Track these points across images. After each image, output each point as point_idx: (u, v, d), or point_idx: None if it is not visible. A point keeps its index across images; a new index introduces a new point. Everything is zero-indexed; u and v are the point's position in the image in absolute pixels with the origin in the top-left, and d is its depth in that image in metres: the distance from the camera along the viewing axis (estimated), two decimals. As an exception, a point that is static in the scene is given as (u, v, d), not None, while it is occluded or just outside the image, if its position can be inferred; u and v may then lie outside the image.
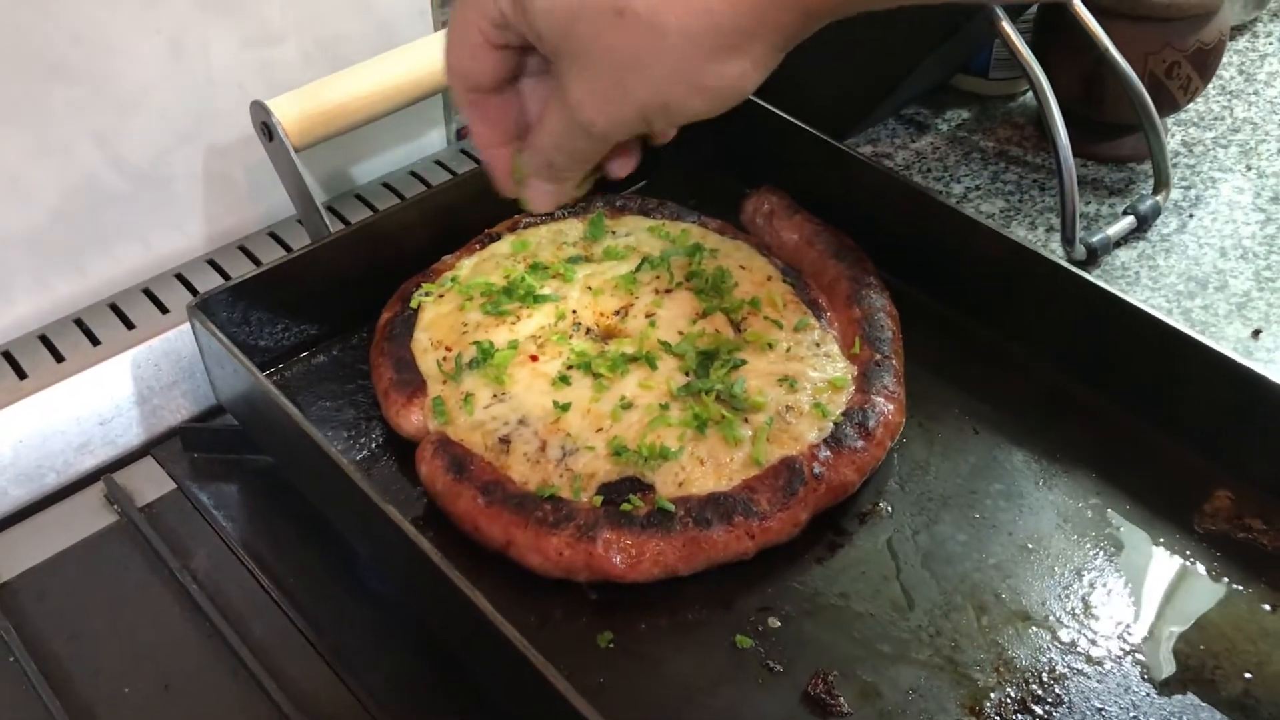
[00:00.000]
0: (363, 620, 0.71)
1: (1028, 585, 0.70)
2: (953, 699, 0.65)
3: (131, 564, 0.75)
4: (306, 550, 0.75)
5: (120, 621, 0.72)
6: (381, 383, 0.79)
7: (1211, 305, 0.93)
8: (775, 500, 0.70)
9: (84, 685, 0.68)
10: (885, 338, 0.80)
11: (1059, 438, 0.79)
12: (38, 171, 0.81)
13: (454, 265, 0.86)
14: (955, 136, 1.11)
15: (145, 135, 0.85)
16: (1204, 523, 0.74)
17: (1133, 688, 0.65)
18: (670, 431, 0.72)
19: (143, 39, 0.82)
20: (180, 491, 0.79)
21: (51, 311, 0.86)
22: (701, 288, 0.82)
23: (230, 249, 0.92)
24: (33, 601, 0.72)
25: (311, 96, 0.83)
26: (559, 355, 0.78)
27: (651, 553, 0.68)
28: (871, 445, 0.73)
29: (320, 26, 0.90)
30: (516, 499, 0.70)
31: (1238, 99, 1.15)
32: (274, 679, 0.67)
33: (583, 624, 0.68)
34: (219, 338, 0.74)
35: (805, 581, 0.71)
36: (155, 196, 0.88)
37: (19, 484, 0.78)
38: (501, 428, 0.74)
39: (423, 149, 1.03)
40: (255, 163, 0.89)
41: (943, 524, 0.74)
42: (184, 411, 0.84)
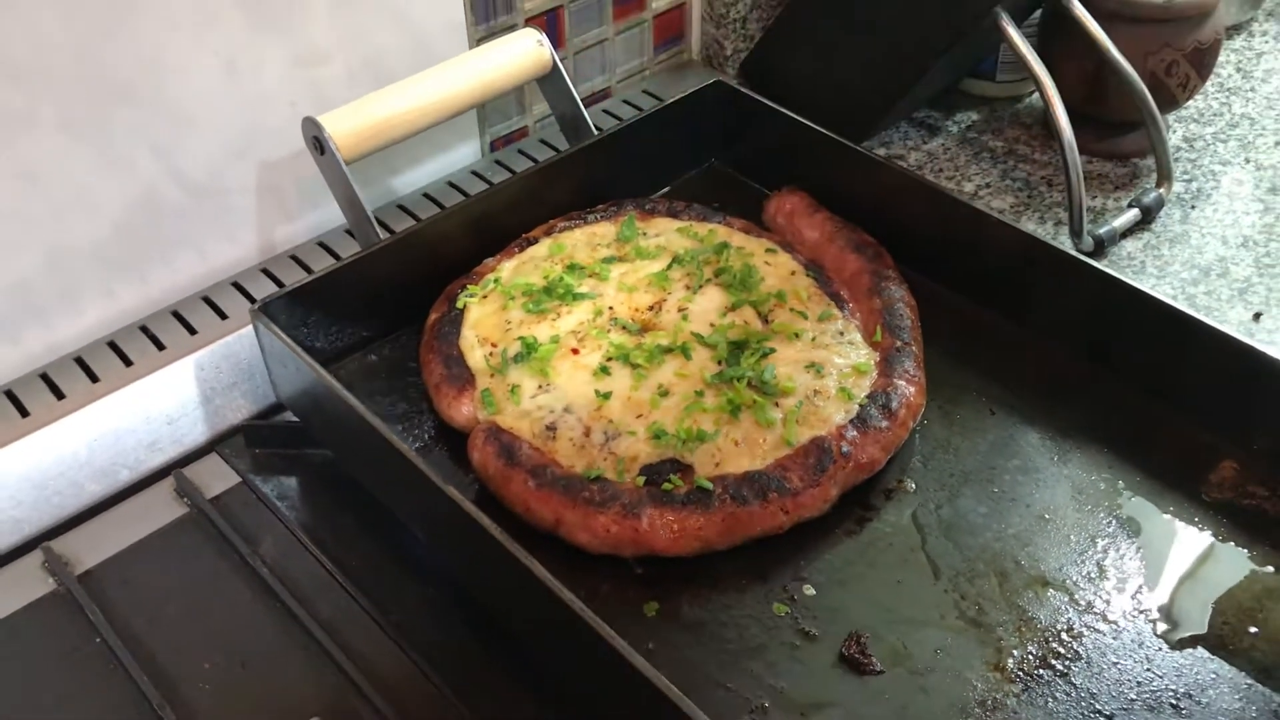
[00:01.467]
0: (422, 598, 0.76)
1: (1045, 553, 0.75)
2: (978, 657, 0.69)
3: (204, 551, 0.79)
4: (365, 536, 0.80)
5: (197, 604, 0.76)
6: (433, 378, 0.84)
7: (1215, 291, 0.97)
8: (806, 477, 0.74)
9: (167, 663, 0.73)
10: (905, 326, 0.85)
11: (1071, 416, 0.83)
12: (103, 186, 0.86)
13: (495, 268, 0.91)
14: (965, 137, 1.16)
15: (202, 151, 0.90)
16: (1210, 492, 0.78)
17: (1146, 643, 0.70)
18: (706, 416, 0.77)
19: (200, 60, 0.87)
20: (245, 484, 0.84)
21: (118, 319, 0.91)
22: (730, 283, 0.87)
23: (282, 258, 0.97)
24: (115, 587, 0.77)
25: (359, 112, 0.88)
26: (599, 348, 0.83)
27: (692, 528, 0.73)
28: (895, 425, 0.78)
29: (364, 46, 0.95)
30: (565, 481, 0.74)
31: (1236, 95, 1.20)
32: (343, 652, 0.72)
33: (630, 596, 0.73)
34: (282, 338, 0.79)
35: (836, 553, 0.75)
36: (212, 209, 0.93)
37: (95, 480, 0.83)
38: (548, 416, 0.79)
39: (459, 160, 1.08)
40: (305, 176, 0.95)
41: (964, 498, 0.78)
42: (245, 410, 0.89)
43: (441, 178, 1.07)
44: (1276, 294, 0.96)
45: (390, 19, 0.96)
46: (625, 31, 1.16)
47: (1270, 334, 0.93)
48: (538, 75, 0.97)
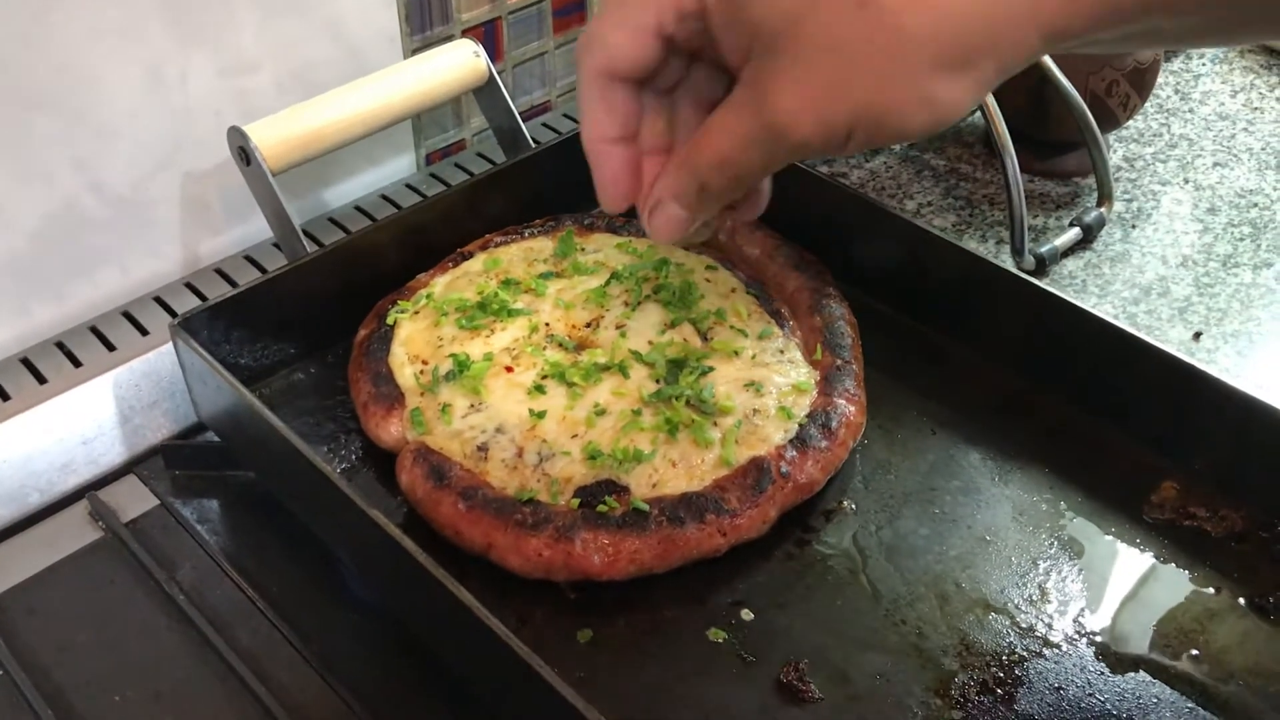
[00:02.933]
0: (347, 625, 0.73)
1: (986, 575, 0.74)
2: (919, 682, 0.68)
3: (118, 578, 0.76)
4: (289, 561, 0.77)
5: (109, 633, 0.73)
6: (360, 396, 0.81)
7: (1155, 310, 0.97)
8: (745, 498, 0.73)
9: (75, 696, 0.69)
10: (845, 344, 0.83)
11: (1013, 436, 0.82)
12: (18, 198, 0.83)
13: (428, 283, 0.89)
14: (908, 155, 1.16)
15: (124, 162, 0.87)
16: (1151, 512, 0.77)
17: (1088, 667, 0.68)
18: (643, 435, 0.75)
19: (122, 69, 0.84)
20: (164, 507, 0.80)
21: (33, 334, 0.87)
22: (669, 300, 0.85)
23: (207, 272, 0.94)
24: (21, 616, 0.74)
25: (287, 122, 0.86)
26: (533, 366, 0.80)
27: (628, 551, 0.70)
28: (835, 445, 0.77)
29: (293, 55, 0.93)
30: (496, 503, 0.72)
31: (1174, 117, 1.20)
32: (263, 684, 0.69)
33: (563, 622, 0.71)
34: (202, 355, 0.76)
35: (775, 576, 0.73)
36: (134, 222, 0.90)
37: (3, 504, 0.80)
38: (479, 436, 0.76)
39: (393, 173, 1.06)
40: (231, 188, 0.92)
41: (905, 519, 0.77)
42: (165, 430, 0.86)
43: (375, 191, 1.04)
44: (1216, 313, 0.96)
45: (322, 29, 0.94)
46: (565, 44, 1.14)
47: (1210, 353, 0.93)
48: (474, 87, 0.95)
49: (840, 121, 0.48)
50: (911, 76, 0.47)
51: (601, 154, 0.58)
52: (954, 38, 0.46)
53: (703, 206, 0.56)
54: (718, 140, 0.52)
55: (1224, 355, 0.93)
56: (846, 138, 0.49)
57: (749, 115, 0.50)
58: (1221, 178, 1.11)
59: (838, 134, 0.49)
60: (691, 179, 0.55)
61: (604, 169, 0.58)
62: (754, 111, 0.50)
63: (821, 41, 0.47)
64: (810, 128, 0.49)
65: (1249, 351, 0.93)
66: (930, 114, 0.48)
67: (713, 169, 0.53)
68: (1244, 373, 0.91)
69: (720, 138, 0.52)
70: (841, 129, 0.48)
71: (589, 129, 0.58)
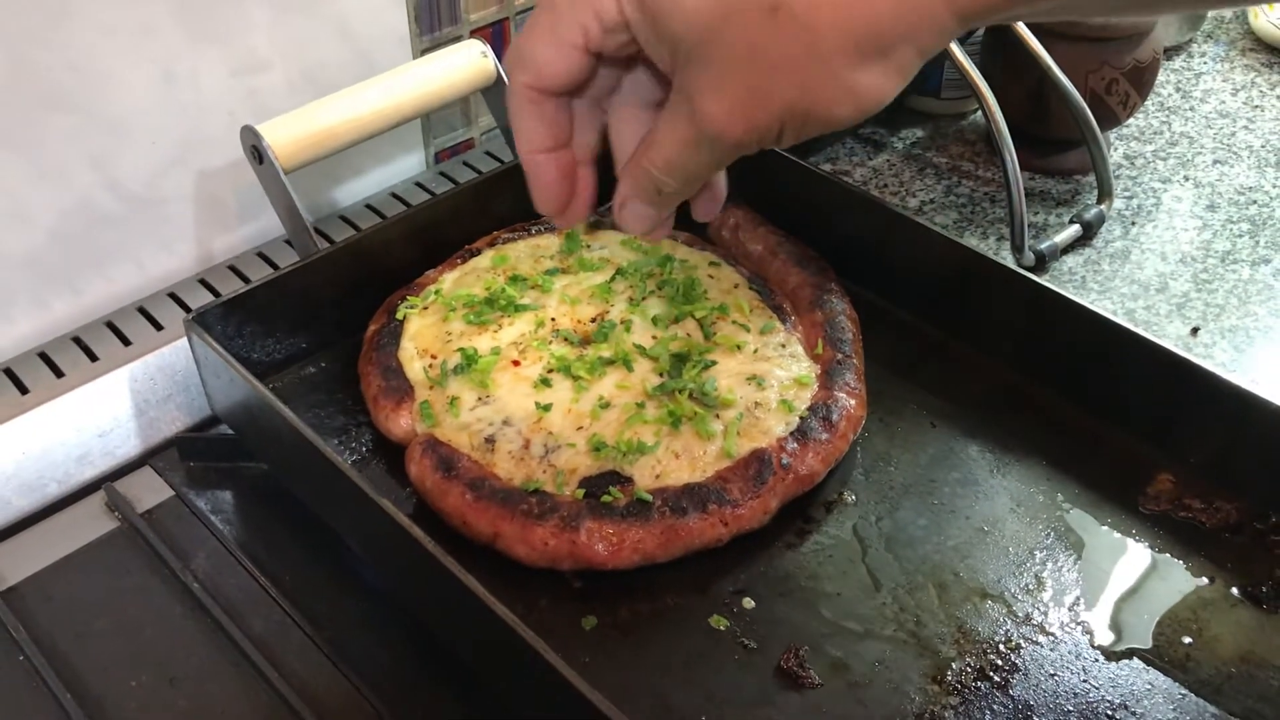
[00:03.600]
0: (357, 613, 0.75)
1: (984, 564, 0.75)
2: (916, 669, 0.69)
3: (133, 566, 0.78)
4: (300, 550, 0.78)
5: (125, 620, 0.75)
6: (370, 390, 0.82)
7: (1153, 306, 0.98)
8: (746, 489, 0.74)
9: (93, 680, 0.71)
10: (846, 339, 0.85)
11: (1011, 429, 0.83)
12: (36, 196, 0.85)
13: (437, 279, 0.90)
14: (910, 153, 1.17)
15: (139, 160, 0.89)
16: (1147, 504, 0.79)
17: (1083, 654, 0.70)
18: (646, 428, 0.77)
19: (137, 68, 0.86)
20: (178, 498, 0.82)
21: (51, 329, 0.89)
22: (672, 295, 0.87)
23: (220, 269, 0.96)
24: (40, 604, 0.76)
25: (299, 121, 0.87)
26: (539, 360, 0.82)
27: (631, 540, 0.72)
28: (835, 437, 0.78)
29: (305, 55, 0.94)
30: (503, 493, 0.74)
31: (1175, 115, 1.21)
32: (276, 669, 0.71)
33: (568, 610, 0.72)
34: (216, 349, 0.77)
35: (777, 566, 0.75)
36: (148, 219, 0.91)
37: (22, 494, 0.82)
38: (486, 428, 0.78)
39: (403, 172, 1.07)
40: (244, 186, 0.93)
41: (904, 510, 0.78)
42: (179, 423, 0.88)
43: (385, 189, 1.06)
44: (1214, 309, 0.98)
45: (333, 29, 0.95)
46: (572, 45, 1.15)
47: (1207, 348, 0.94)
48: (482, 86, 0.96)
49: (769, 122, 0.50)
50: (830, 72, 0.48)
51: (536, 164, 0.60)
52: (867, 28, 0.47)
53: (664, 203, 0.59)
54: (663, 145, 0.54)
55: (1221, 350, 0.94)
56: (779, 134, 0.51)
57: (684, 122, 0.52)
58: (1221, 175, 1.13)
59: (770, 132, 0.51)
60: (648, 180, 0.57)
61: (539, 179, 0.60)
62: (688, 118, 0.52)
63: (740, 50, 0.48)
64: (742, 131, 0.51)
65: (1246, 347, 0.94)
66: (855, 104, 0.49)
67: (663, 172, 0.55)
68: (1241, 367, 0.92)
69: (665, 143, 0.54)
70: (772, 128, 0.50)
71: (522, 142, 0.59)
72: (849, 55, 0.47)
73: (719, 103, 0.50)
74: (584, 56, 0.54)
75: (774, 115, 0.50)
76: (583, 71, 0.55)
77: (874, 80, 0.48)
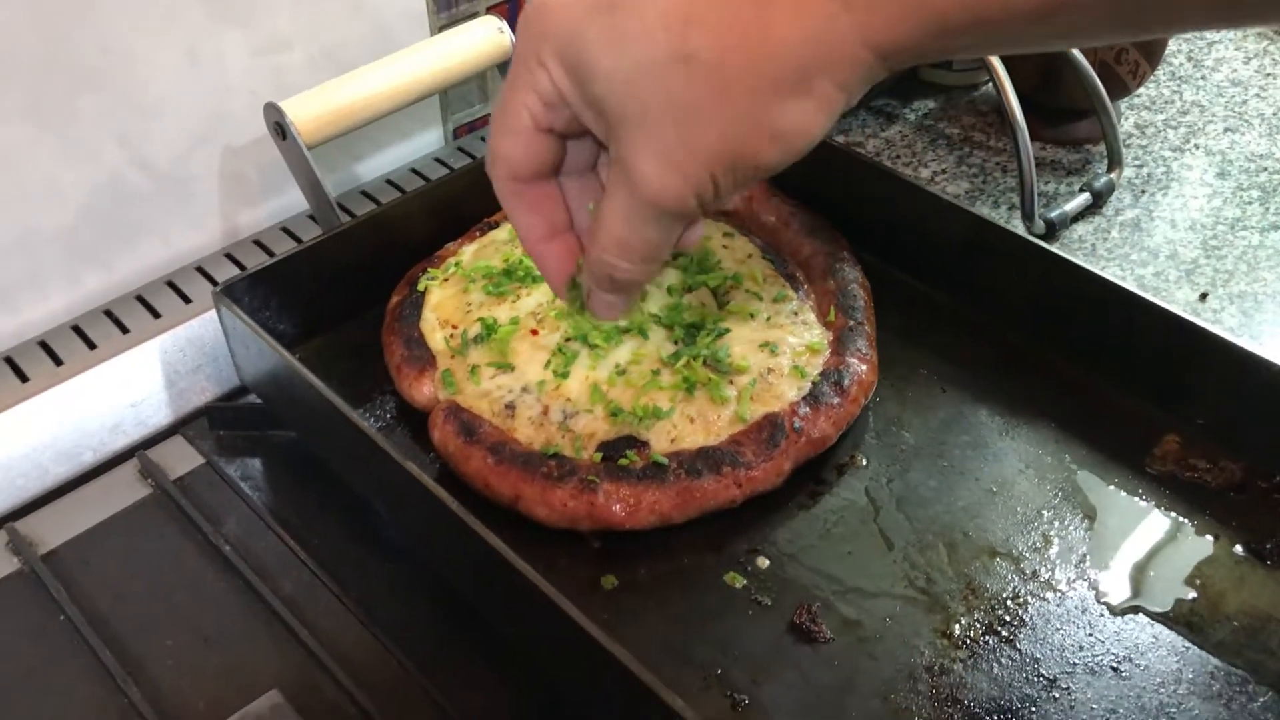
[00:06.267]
0: (383, 574, 0.77)
1: (993, 524, 0.77)
2: (926, 624, 0.71)
3: (167, 531, 0.80)
4: (328, 515, 0.81)
5: (159, 582, 0.77)
6: (394, 359, 0.85)
7: (1163, 272, 1.00)
8: (760, 452, 0.76)
9: (130, 639, 0.74)
10: (858, 306, 0.86)
11: (1020, 393, 0.85)
12: (69, 174, 0.87)
13: (456, 252, 0.92)
14: (922, 125, 1.18)
15: (166, 138, 0.91)
16: (1154, 465, 0.80)
17: (1088, 609, 0.72)
18: (662, 394, 0.79)
19: (163, 48, 0.88)
20: (209, 466, 0.85)
21: (83, 303, 0.92)
22: (687, 265, 0.88)
23: (245, 243, 0.98)
24: (79, 567, 0.78)
25: (320, 97, 0.89)
26: (557, 329, 0.84)
27: (648, 501, 0.74)
28: (846, 402, 0.80)
29: (325, 33, 0.96)
30: (523, 457, 0.76)
31: (1187, 84, 1.22)
32: (306, 628, 0.73)
33: (587, 570, 0.75)
34: (244, 320, 0.80)
35: (790, 526, 0.77)
36: (176, 195, 0.94)
37: (59, 462, 0.84)
38: (507, 395, 0.80)
39: (422, 147, 1.09)
40: (268, 162, 0.96)
41: (915, 472, 0.80)
42: (209, 393, 0.90)
43: (405, 164, 1.08)
44: (1223, 275, 0.99)
45: (352, 7, 0.97)
46: (587, 21, 1.17)
47: (1215, 313, 0.95)
48: (498, 62, 0.98)
49: (700, 175, 0.49)
50: (748, 114, 0.47)
51: (540, 254, 0.60)
52: (779, 64, 0.46)
53: (626, 288, 0.57)
54: (608, 225, 0.54)
55: (1229, 315, 0.95)
56: (715, 188, 0.50)
57: (623, 193, 0.51)
58: (1232, 143, 1.13)
59: (704, 186, 0.50)
60: (600, 269, 0.56)
61: (546, 266, 0.60)
62: (625, 187, 0.51)
63: (660, 105, 0.48)
64: (677, 189, 0.50)
65: (1254, 312, 0.95)
66: (781, 145, 0.49)
67: (614, 255, 0.54)
68: (1249, 332, 0.94)
69: (610, 221, 0.53)
70: (705, 181, 0.50)
71: (521, 235, 0.59)
72: (765, 95, 0.47)
73: (648, 162, 0.49)
74: (540, 137, 0.54)
75: (702, 166, 0.49)
76: (546, 152, 0.55)
77: (795, 119, 0.48)
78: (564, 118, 0.53)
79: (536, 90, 0.52)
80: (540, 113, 0.53)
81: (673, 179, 0.50)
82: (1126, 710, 0.66)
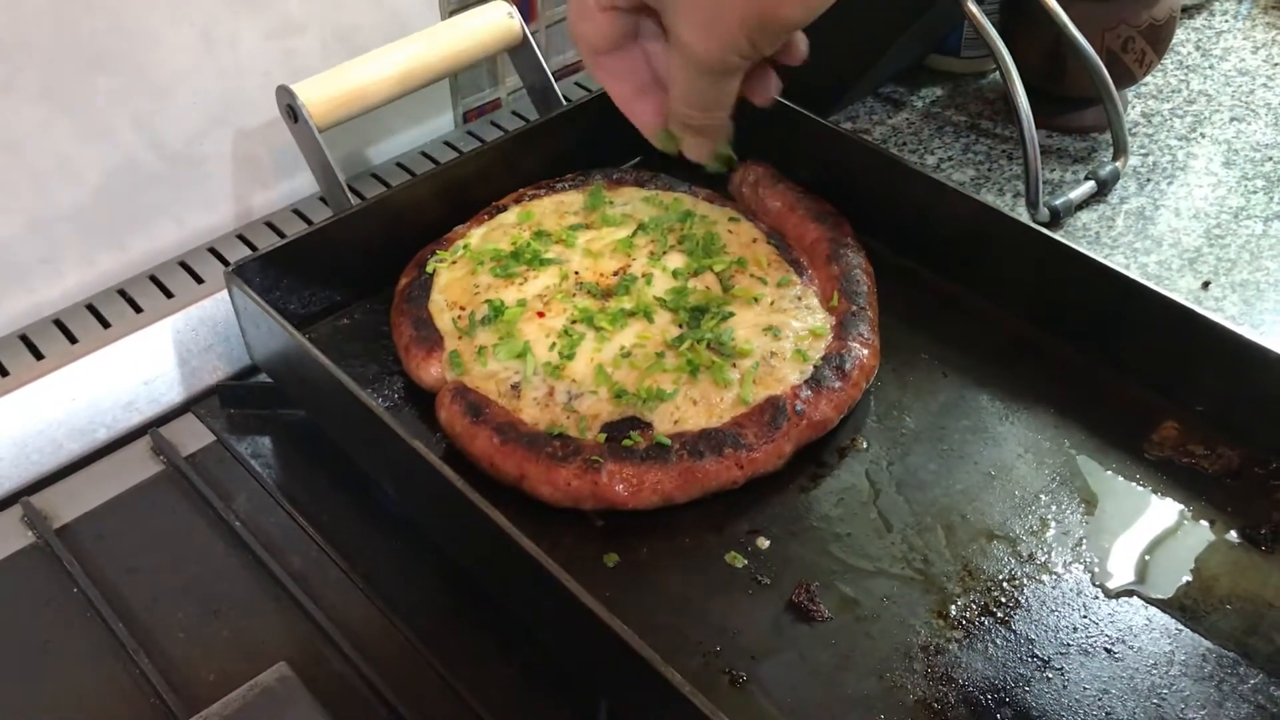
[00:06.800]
0: (390, 550, 0.78)
1: (991, 507, 0.78)
2: (923, 604, 0.72)
3: (179, 507, 0.82)
4: (336, 492, 0.82)
5: (171, 556, 0.79)
6: (402, 340, 0.86)
7: (1166, 261, 1.00)
8: (761, 434, 0.77)
9: (142, 612, 0.75)
10: (861, 291, 0.87)
11: (1021, 379, 0.86)
12: (83, 154, 0.88)
13: (465, 234, 0.93)
14: (929, 112, 1.19)
15: (180, 120, 0.92)
16: (1152, 450, 0.81)
17: (1084, 591, 0.73)
18: (666, 376, 0.80)
19: (177, 31, 0.89)
20: (220, 443, 0.86)
21: (97, 283, 0.93)
22: (692, 250, 0.89)
23: (257, 225, 1.00)
24: (92, 541, 0.80)
25: (332, 81, 0.90)
26: (564, 311, 0.85)
27: (651, 482, 0.75)
28: (848, 385, 0.81)
29: (338, 17, 0.97)
30: (528, 437, 0.77)
31: (1194, 73, 1.22)
32: (314, 601, 0.75)
33: (591, 548, 0.76)
34: (255, 299, 0.81)
35: (791, 507, 0.78)
36: (189, 177, 0.95)
37: (73, 439, 0.86)
38: (513, 376, 0.81)
39: (433, 131, 1.10)
40: (280, 144, 0.97)
41: (915, 455, 0.81)
42: (220, 372, 0.92)
43: (415, 148, 1.09)
44: (1225, 264, 0.99)
45: (364, -9, 0.98)
46: (597, 6, 1.17)
47: (1218, 301, 0.96)
48: (508, 47, 0.99)
49: (733, 36, 0.56)
50: None
51: (631, 111, 0.68)
52: None
53: (704, 132, 0.65)
54: (674, 82, 0.62)
55: (1231, 304, 0.96)
56: (751, 45, 0.57)
57: (675, 55, 0.59)
58: (1238, 132, 1.14)
59: (739, 45, 0.57)
60: (677, 118, 0.64)
61: (638, 120, 0.68)
62: (675, 49, 0.59)
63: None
64: (716, 48, 0.57)
65: (1256, 300, 0.96)
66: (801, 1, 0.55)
67: (683, 105, 0.63)
68: (1251, 320, 0.94)
69: (674, 80, 0.62)
70: (739, 40, 0.56)
71: (614, 97, 0.67)
72: None
73: (689, 29, 0.57)
74: (609, 15, 0.62)
75: (733, 27, 0.56)
76: (617, 27, 0.63)
77: None
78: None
79: None
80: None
81: (710, 39, 0.57)
82: (1119, 691, 0.67)
